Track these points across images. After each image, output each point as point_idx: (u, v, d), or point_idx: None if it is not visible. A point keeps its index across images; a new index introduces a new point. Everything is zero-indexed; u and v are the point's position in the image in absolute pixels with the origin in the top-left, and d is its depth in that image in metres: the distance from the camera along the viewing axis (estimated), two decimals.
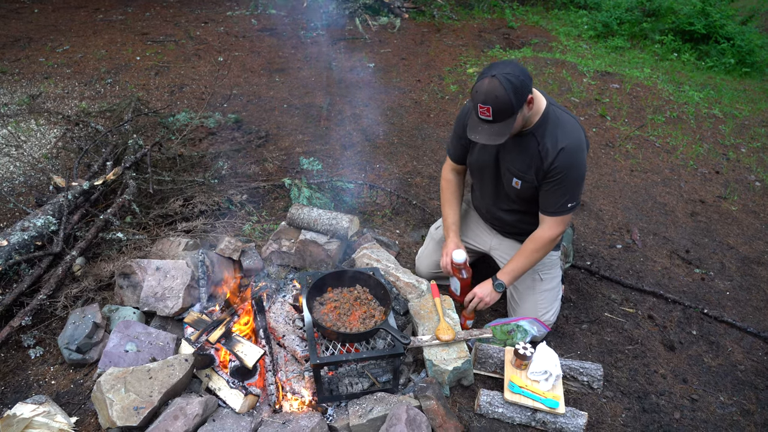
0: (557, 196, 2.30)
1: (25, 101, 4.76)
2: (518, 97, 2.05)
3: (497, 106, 2.04)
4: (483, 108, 2.07)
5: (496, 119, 2.08)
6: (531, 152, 2.28)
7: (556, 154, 2.21)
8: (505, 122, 2.10)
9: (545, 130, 2.25)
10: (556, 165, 2.22)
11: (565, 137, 2.21)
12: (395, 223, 3.54)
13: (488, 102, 2.05)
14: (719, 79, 6.76)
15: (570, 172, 2.23)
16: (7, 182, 3.62)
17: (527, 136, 2.28)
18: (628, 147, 4.88)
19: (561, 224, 2.38)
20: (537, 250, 2.43)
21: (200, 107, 4.81)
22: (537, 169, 2.29)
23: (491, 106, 2.05)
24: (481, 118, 2.12)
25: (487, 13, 8.62)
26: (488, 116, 2.08)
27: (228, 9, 7.99)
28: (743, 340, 2.91)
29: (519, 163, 2.34)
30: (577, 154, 2.22)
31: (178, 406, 2.02)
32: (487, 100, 2.05)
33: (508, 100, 2.03)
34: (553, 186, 2.28)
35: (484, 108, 2.07)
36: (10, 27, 6.71)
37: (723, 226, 3.90)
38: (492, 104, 2.04)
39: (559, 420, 2.22)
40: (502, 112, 2.06)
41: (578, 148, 2.22)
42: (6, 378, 2.34)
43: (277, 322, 2.56)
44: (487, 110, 2.07)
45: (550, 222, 2.38)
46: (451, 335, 2.39)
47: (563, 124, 2.25)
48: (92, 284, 2.68)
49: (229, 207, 3.43)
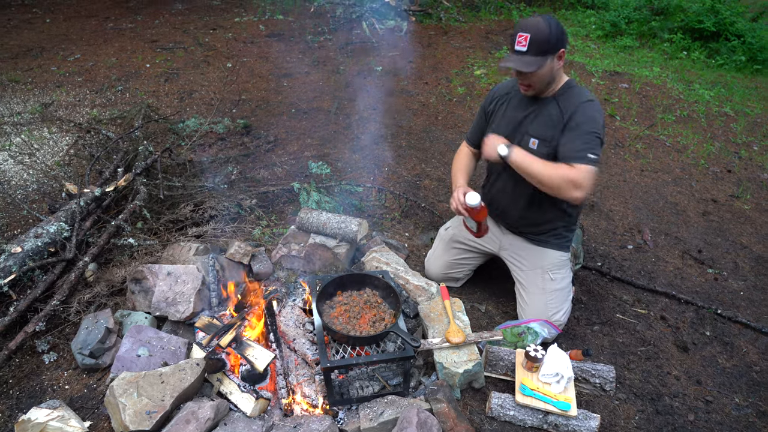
0: (578, 143, 2.26)
1: (37, 110, 4.83)
2: (555, 39, 2.18)
3: (535, 36, 2.15)
4: (521, 36, 2.17)
5: (529, 50, 2.17)
6: (553, 117, 2.38)
7: (575, 108, 2.31)
8: (536, 57, 2.19)
9: (566, 96, 2.37)
10: (574, 115, 2.31)
11: (581, 99, 2.34)
12: (404, 226, 3.54)
13: (528, 30, 2.16)
14: (730, 77, 6.69)
15: (588, 122, 2.29)
16: (20, 189, 3.67)
17: (549, 102, 2.40)
18: (638, 147, 4.85)
19: (581, 173, 2.19)
20: (556, 173, 2.24)
21: (209, 113, 4.85)
22: (560, 126, 2.35)
23: (530, 34, 2.15)
24: (516, 49, 2.20)
25: (494, 14, 8.61)
26: (523, 47, 2.17)
27: (236, 15, 8.05)
28: (758, 340, 2.88)
29: (539, 126, 2.42)
30: (595, 110, 2.31)
31: (189, 410, 2.03)
32: (527, 28, 2.16)
33: (546, 34, 2.16)
34: (572, 133, 2.31)
35: (522, 36, 2.17)
36: (22, 37, 6.81)
37: (736, 226, 3.86)
38: (531, 33, 2.15)
39: (572, 422, 2.20)
40: (537, 44, 2.16)
41: (595, 106, 2.32)
42: (21, 383, 2.37)
43: (287, 325, 2.57)
44: (524, 39, 2.16)
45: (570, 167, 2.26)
46: (462, 338, 2.38)
47: (583, 92, 2.38)
48: (104, 290, 2.71)
49: (238, 212, 3.45)
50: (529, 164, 2.30)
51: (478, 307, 2.92)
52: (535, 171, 2.29)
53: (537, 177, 2.29)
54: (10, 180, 3.78)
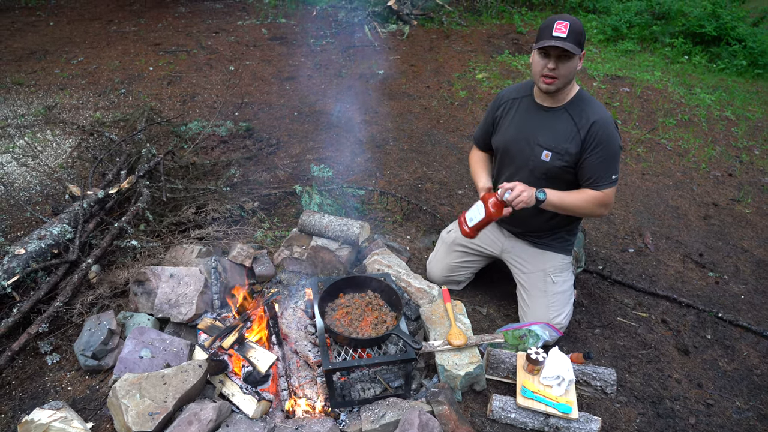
0: (600, 171, 2.36)
1: (41, 112, 4.85)
2: (584, 38, 2.24)
3: (574, 25, 2.19)
4: (561, 24, 2.20)
5: (569, 37, 2.19)
6: (566, 127, 2.39)
7: (590, 126, 2.33)
8: (573, 45, 2.19)
9: (577, 106, 2.39)
10: (592, 138, 2.33)
11: (594, 113, 2.35)
12: (406, 229, 3.55)
13: (568, 20, 2.20)
14: (731, 81, 6.70)
15: (607, 146, 2.33)
16: (24, 192, 3.69)
17: (560, 112, 2.41)
18: (640, 150, 4.86)
19: (607, 196, 2.40)
20: (584, 201, 2.42)
21: (212, 116, 4.87)
22: (574, 140, 2.37)
23: (570, 23, 2.19)
24: (554, 35, 2.20)
25: (496, 18, 8.63)
26: (563, 33, 2.19)
27: (239, 19, 8.08)
28: (759, 344, 2.88)
29: (552, 137, 2.42)
30: (610, 127, 2.34)
31: (192, 412, 2.04)
32: (565, 18, 2.21)
33: (581, 28, 2.22)
34: (593, 159, 2.35)
35: (562, 24, 2.20)
36: (26, 40, 6.85)
37: (737, 229, 3.86)
38: (571, 22, 2.19)
39: (573, 425, 2.20)
40: (576, 33, 2.19)
41: (609, 122, 2.35)
42: (24, 384, 2.38)
43: (289, 327, 2.58)
44: (564, 26, 2.19)
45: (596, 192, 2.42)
46: (463, 340, 2.39)
47: (592, 102, 2.41)
48: (107, 291, 2.72)
49: (241, 214, 3.46)
50: (564, 201, 2.43)
51: (479, 309, 2.93)
52: (570, 206, 2.43)
53: (571, 210, 2.46)
54: (14, 182, 3.80)
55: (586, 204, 2.42)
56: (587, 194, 2.41)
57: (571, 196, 2.42)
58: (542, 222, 2.62)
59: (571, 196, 2.42)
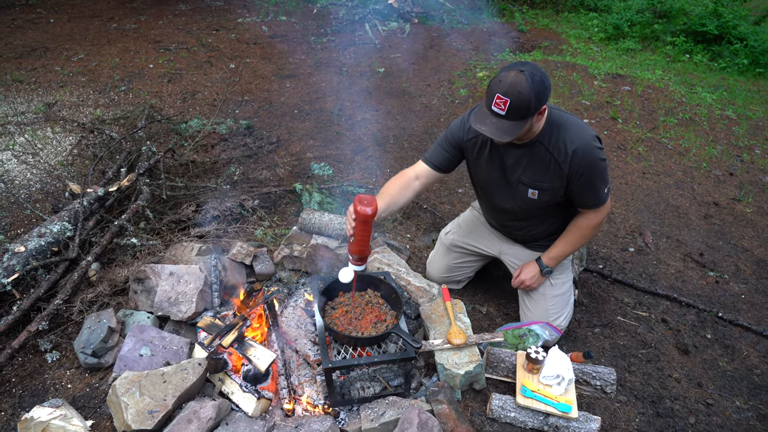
0: (591, 193, 2.30)
1: (41, 109, 4.85)
2: (537, 102, 1.98)
3: (515, 102, 1.95)
4: (500, 99, 1.97)
5: (508, 116, 1.99)
6: (544, 160, 2.24)
7: (571, 157, 2.18)
8: (515, 122, 2.01)
9: (551, 135, 2.21)
10: (576, 168, 2.19)
11: (572, 139, 2.18)
12: (406, 228, 3.55)
13: (509, 94, 1.95)
14: (732, 80, 6.69)
15: (593, 169, 2.20)
16: (24, 189, 3.69)
17: (535, 145, 2.24)
18: (640, 149, 4.85)
19: (604, 211, 2.39)
20: (584, 236, 2.48)
21: (212, 114, 4.87)
22: (558, 175, 2.24)
23: (510, 99, 1.95)
24: (492, 110, 2.01)
25: (497, 16, 8.63)
26: (502, 110, 1.98)
27: (239, 16, 8.07)
28: (759, 343, 2.88)
29: (533, 173, 2.30)
30: (591, 152, 2.18)
31: (191, 410, 2.04)
32: (508, 92, 1.95)
33: (528, 100, 1.95)
34: (583, 186, 2.26)
35: (501, 100, 1.97)
36: (27, 37, 6.83)
37: (737, 229, 3.86)
38: (512, 98, 1.95)
39: (572, 424, 2.20)
40: (517, 110, 1.97)
41: (589, 145, 2.18)
42: (23, 382, 2.38)
43: (289, 326, 2.58)
44: (504, 103, 1.97)
45: (593, 212, 2.40)
46: (463, 339, 2.39)
47: (566, 125, 2.21)
48: (107, 289, 2.72)
49: (241, 212, 3.46)
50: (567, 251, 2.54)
51: (479, 308, 2.93)
52: (577, 247, 2.53)
53: (578, 248, 2.55)
54: (14, 179, 3.79)
55: (589, 235, 2.48)
56: (579, 231, 2.46)
57: (567, 246, 2.52)
58: (539, 233, 2.61)
59: (567, 245, 2.51)
